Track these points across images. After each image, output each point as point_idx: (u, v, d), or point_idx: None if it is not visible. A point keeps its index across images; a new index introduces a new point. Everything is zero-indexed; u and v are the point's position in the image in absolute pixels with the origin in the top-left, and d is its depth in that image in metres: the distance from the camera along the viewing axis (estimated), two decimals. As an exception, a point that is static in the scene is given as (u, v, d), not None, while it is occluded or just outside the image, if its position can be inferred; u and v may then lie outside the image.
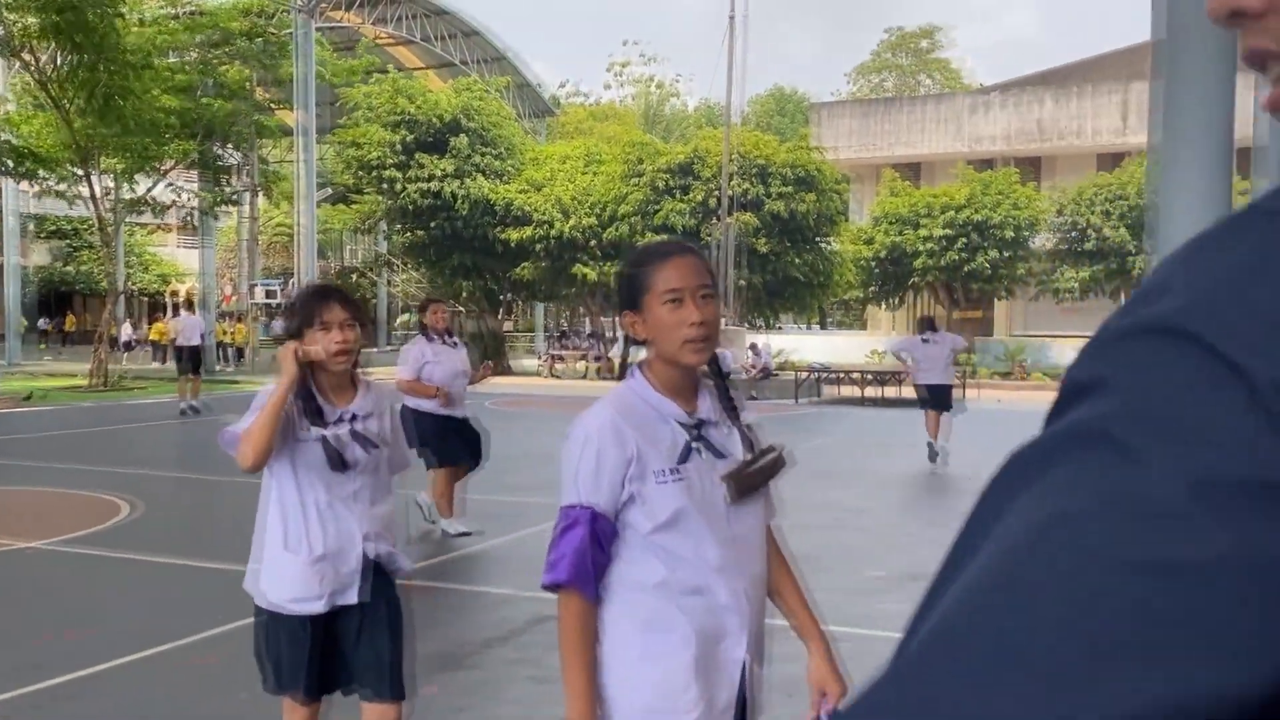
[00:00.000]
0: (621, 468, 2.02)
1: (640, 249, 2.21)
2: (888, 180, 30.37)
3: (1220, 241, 0.46)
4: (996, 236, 27.27)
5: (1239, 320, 0.43)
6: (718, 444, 2.10)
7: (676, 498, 2.02)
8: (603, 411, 2.08)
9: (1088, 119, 33.63)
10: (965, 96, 37.54)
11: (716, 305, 2.08)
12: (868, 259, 28.85)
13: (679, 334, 2.01)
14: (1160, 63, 4.84)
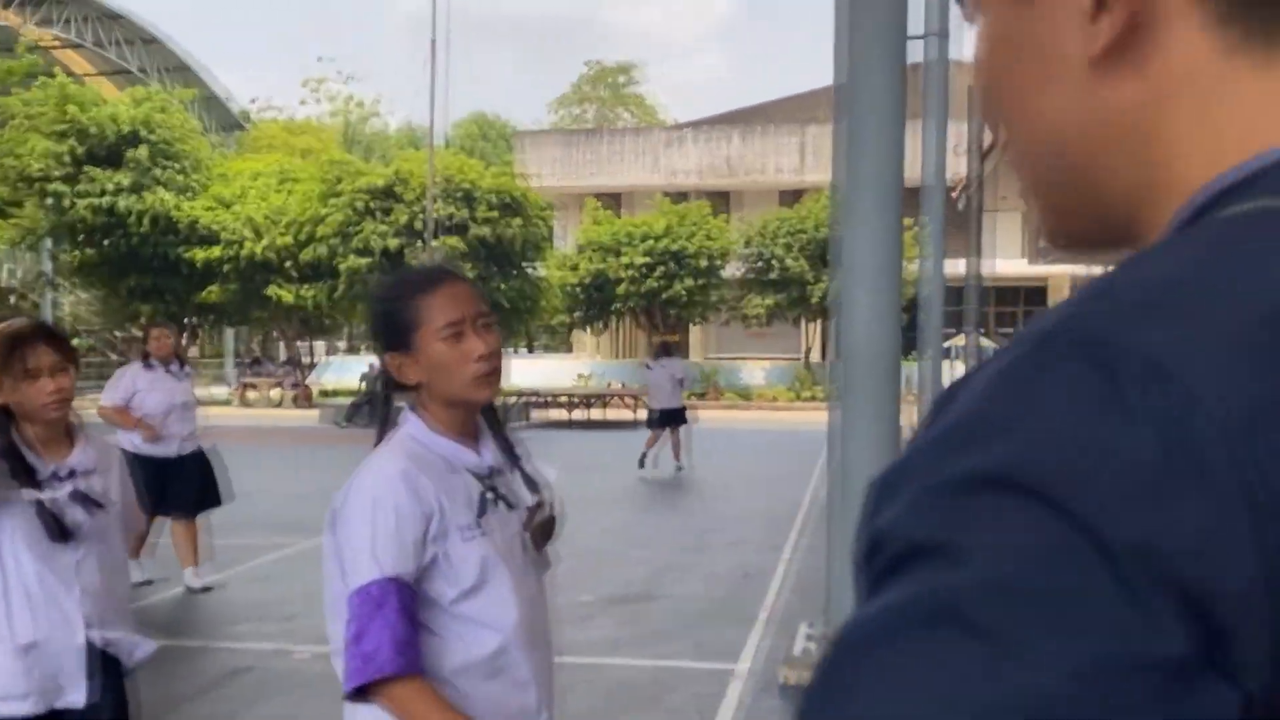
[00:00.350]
0: (422, 524, 1.73)
1: (396, 279, 1.96)
2: (591, 209, 31.12)
3: (1037, 374, 0.43)
4: (692, 265, 28.57)
5: (1083, 473, 0.40)
6: (506, 492, 1.89)
7: (480, 555, 1.78)
8: (389, 463, 1.78)
9: (771, 157, 35.95)
10: (662, 131, 39.16)
11: (497, 330, 1.86)
12: (573, 285, 29.39)
13: (465, 370, 1.78)
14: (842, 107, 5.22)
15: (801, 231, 28.14)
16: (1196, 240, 0.48)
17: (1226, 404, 0.40)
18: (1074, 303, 0.46)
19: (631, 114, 57.64)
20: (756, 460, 15.87)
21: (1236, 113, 0.51)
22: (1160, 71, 0.51)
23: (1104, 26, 0.51)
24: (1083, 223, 0.58)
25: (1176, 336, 0.42)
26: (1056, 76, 0.54)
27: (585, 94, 58.25)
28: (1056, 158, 0.56)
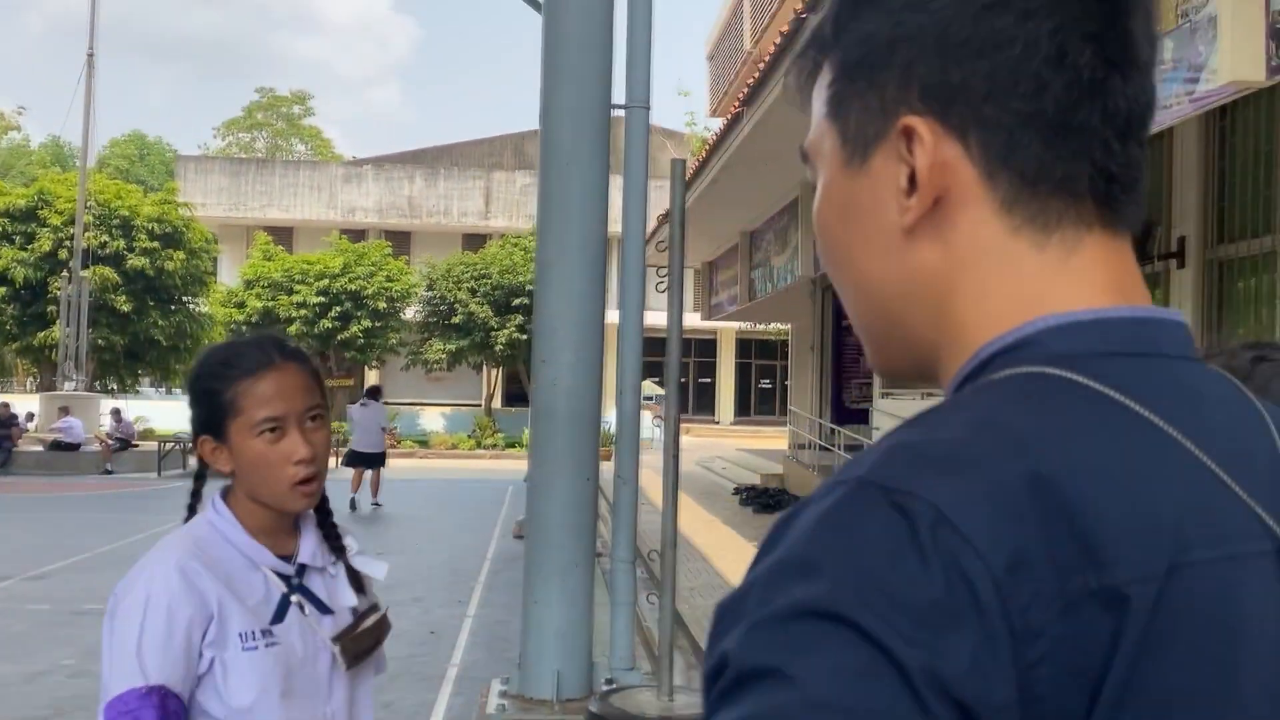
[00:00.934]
0: (199, 628, 1.51)
1: (219, 351, 1.64)
2: (260, 243, 29.65)
3: (854, 518, 0.52)
4: (370, 307, 27.85)
5: (885, 607, 0.49)
6: (322, 594, 1.64)
7: (265, 669, 1.54)
8: (167, 557, 1.55)
9: (454, 200, 35.91)
10: (339, 166, 38.12)
11: (327, 427, 1.61)
12: (239, 322, 27.81)
13: (281, 474, 1.54)
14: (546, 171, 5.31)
15: (485, 277, 28.22)
16: (976, 404, 0.58)
17: (994, 550, 0.50)
18: (883, 453, 0.55)
19: (305, 146, 55.70)
20: (438, 510, 15.63)
21: (1015, 283, 0.61)
22: (957, 243, 0.62)
23: (912, 203, 0.62)
24: (897, 361, 0.68)
25: (961, 493, 0.51)
26: (878, 239, 0.64)
27: (257, 121, 55.66)
28: (877, 307, 0.66)
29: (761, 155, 12.60)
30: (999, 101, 0.60)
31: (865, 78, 0.64)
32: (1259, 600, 0.55)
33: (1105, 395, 0.56)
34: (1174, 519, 0.53)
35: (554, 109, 5.25)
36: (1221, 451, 0.57)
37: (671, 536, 4.74)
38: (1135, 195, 0.63)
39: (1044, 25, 0.59)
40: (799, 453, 17.14)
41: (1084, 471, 0.53)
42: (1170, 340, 0.61)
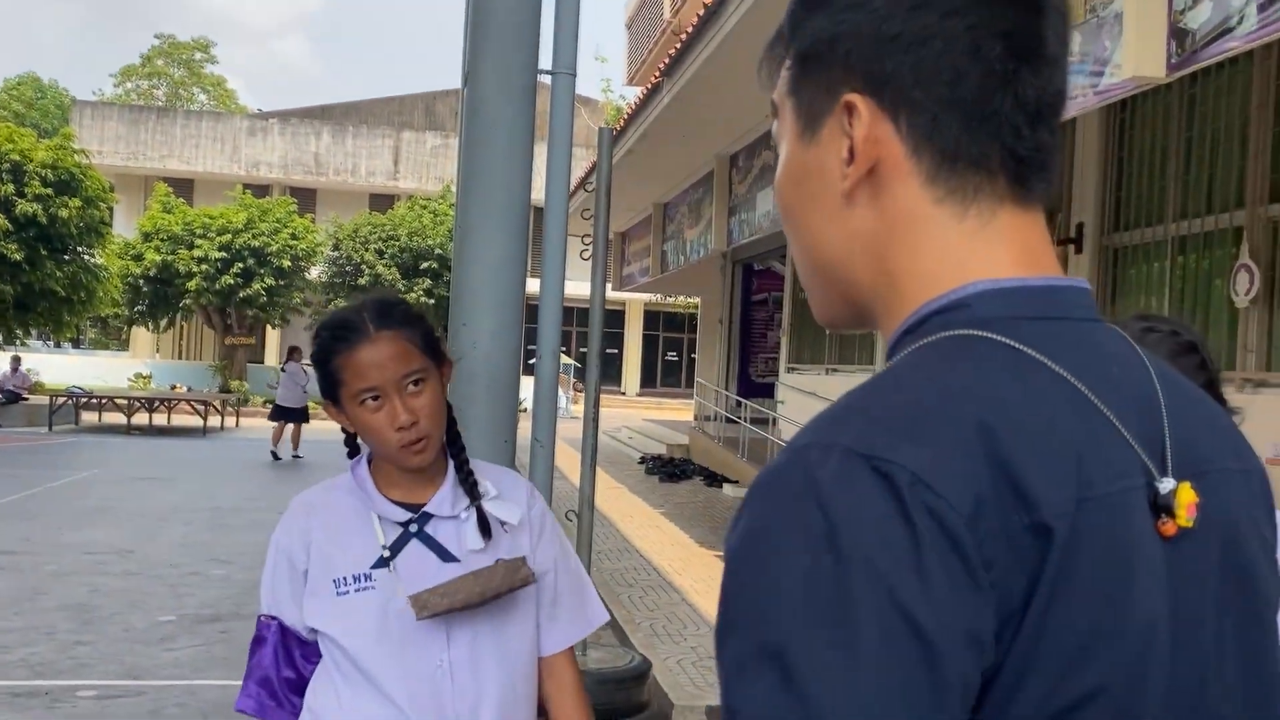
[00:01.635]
0: (301, 574, 1.68)
1: (330, 320, 1.70)
2: (160, 194, 28.71)
3: (844, 480, 0.61)
4: (273, 264, 27.21)
5: (878, 552, 0.60)
6: (450, 542, 1.68)
7: (359, 613, 1.63)
8: (299, 502, 1.74)
9: (363, 158, 35.22)
10: (243, 119, 37.04)
11: (436, 385, 1.66)
12: (135, 276, 26.95)
13: (387, 438, 1.62)
14: (470, 123, 5.30)
15: (393, 238, 27.81)
16: (923, 366, 0.67)
17: (962, 501, 0.59)
18: (860, 419, 0.63)
19: (208, 96, 53.93)
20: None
21: (941, 248, 0.71)
22: (890, 209, 0.72)
23: (850, 171, 0.72)
24: (840, 310, 0.79)
25: (930, 456, 0.60)
26: (824, 203, 0.74)
27: (157, 69, 53.65)
28: (822, 263, 0.76)
29: (679, 127, 12.66)
30: (924, 88, 0.70)
31: (816, 64, 0.74)
32: (1141, 525, 0.65)
33: (1024, 353, 0.66)
34: (1079, 459, 0.63)
35: (479, 73, 5.24)
36: (1115, 399, 0.67)
37: (589, 497, 4.84)
38: (1046, 175, 0.72)
39: (961, 23, 0.69)
40: (704, 424, 17.38)
41: (1013, 422, 0.62)
42: (1076, 305, 0.71)
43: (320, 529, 1.68)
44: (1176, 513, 0.66)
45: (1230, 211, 7.42)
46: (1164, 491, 0.66)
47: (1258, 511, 0.76)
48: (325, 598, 1.65)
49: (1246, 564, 0.72)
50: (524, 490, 1.78)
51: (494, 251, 5.30)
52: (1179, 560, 0.67)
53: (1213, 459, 0.73)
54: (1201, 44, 4.66)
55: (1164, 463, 0.68)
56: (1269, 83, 7.09)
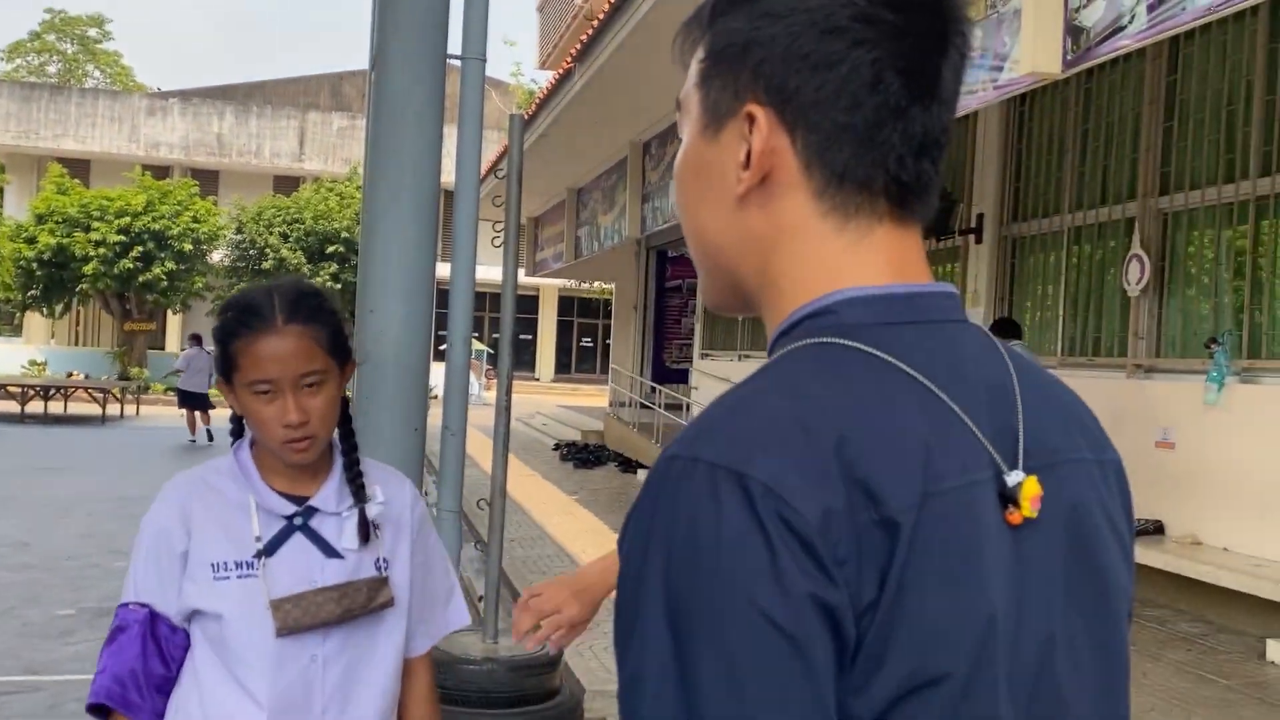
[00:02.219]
0: (180, 561, 1.61)
1: (238, 300, 1.64)
2: (54, 175, 27.68)
3: (703, 492, 0.65)
4: (174, 248, 26.46)
5: (727, 555, 0.66)
6: (332, 538, 1.65)
7: (235, 597, 1.59)
8: (179, 483, 1.67)
9: (267, 140, 34.42)
10: (142, 98, 35.91)
11: (334, 386, 1.62)
12: (29, 259, 25.97)
13: (273, 432, 1.58)
14: (379, 106, 5.25)
15: (298, 222, 27.24)
16: (784, 375, 0.71)
17: (811, 507, 0.64)
18: (720, 430, 0.68)
19: (104, 74, 52.10)
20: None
21: (820, 257, 0.75)
22: (779, 216, 0.76)
23: (745, 176, 0.75)
24: (725, 297, 0.84)
25: (781, 467, 0.64)
26: (718, 199, 0.78)
27: (48, 44, 51.66)
28: (711, 253, 0.81)
29: (592, 112, 12.64)
30: (822, 110, 0.74)
31: (726, 64, 0.77)
32: (988, 516, 0.69)
33: (879, 359, 0.70)
34: (926, 456, 0.67)
35: (388, 57, 5.18)
36: (966, 396, 0.71)
37: (501, 484, 4.84)
38: (925, 200, 0.77)
39: (868, 54, 0.73)
40: (619, 410, 17.44)
41: (864, 427, 0.67)
42: (939, 308, 0.76)
43: (201, 511, 1.63)
44: (1021, 503, 0.70)
45: (1123, 203, 7.69)
46: (1011, 484, 0.70)
47: (1111, 502, 0.79)
48: (202, 581, 1.60)
49: (1096, 553, 0.76)
50: (408, 494, 1.77)
51: (403, 236, 5.25)
52: (1025, 550, 0.71)
53: (1065, 450, 0.77)
54: (1096, 41, 4.83)
55: (1014, 456, 0.72)
56: (1159, 80, 7.36)
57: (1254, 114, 6.59)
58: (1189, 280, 7.27)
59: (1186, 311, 7.23)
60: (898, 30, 0.73)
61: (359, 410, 5.29)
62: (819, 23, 0.73)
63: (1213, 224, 7.03)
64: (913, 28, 0.74)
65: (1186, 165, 7.17)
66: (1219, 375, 6.42)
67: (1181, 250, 7.32)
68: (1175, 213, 7.28)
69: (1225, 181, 6.83)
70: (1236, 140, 6.76)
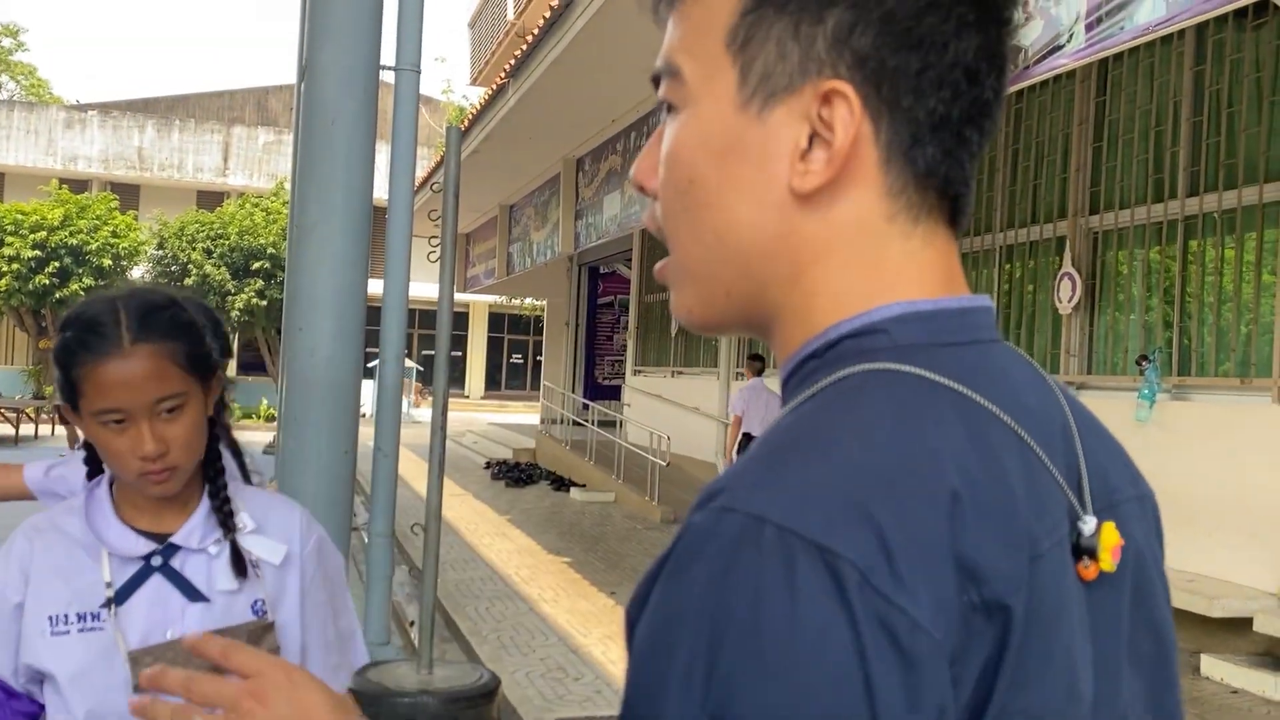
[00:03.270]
0: (14, 615, 1.41)
1: (76, 319, 1.42)
2: (-36, 188, 26.79)
3: (778, 570, 0.51)
4: (93, 264, 25.73)
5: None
6: (199, 579, 1.45)
7: (73, 658, 1.39)
8: (26, 526, 1.47)
9: (190, 154, 33.72)
10: (60, 110, 34.94)
11: (196, 409, 1.42)
12: (-64, 275, 25.05)
13: (128, 465, 1.39)
14: (309, 119, 5.10)
15: (222, 237, 26.66)
16: (854, 414, 0.57)
17: (920, 606, 0.50)
18: (768, 480, 0.53)
19: (19, 84, 50.66)
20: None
21: (877, 265, 0.63)
22: (837, 217, 0.62)
23: (817, 169, 0.61)
24: (725, 312, 0.67)
25: (876, 544, 0.51)
26: (759, 191, 0.63)
27: (-40, 54, 50.09)
28: (733, 256, 0.64)
29: (526, 128, 12.54)
30: (920, 96, 0.62)
31: (790, 23, 0.61)
32: (1071, 574, 0.59)
33: (959, 393, 0.58)
34: (1026, 517, 0.56)
35: (319, 68, 5.03)
36: (1040, 435, 0.61)
37: (436, 509, 4.69)
38: (972, 197, 0.67)
39: (971, 42, 0.62)
40: (551, 427, 17.28)
41: (971, 483, 0.54)
42: (984, 325, 0.65)
43: (42, 556, 1.43)
44: (1100, 556, 0.60)
45: (1054, 222, 7.79)
46: (1087, 533, 0.60)
47: (1154, 541, 0.71)
48: (38, 637, 1.41)
49: (1154, 604, 0.68)
50: (297, 523, 1.56)
51: (334, 253, 5.08)
52: (1096, 607, 0.61)
53: (1121, 488, 0.68)
54: (1033, 60, 4.85)
55: (1083, 498, 0.62)
56: (1088, 100, 7.48)
57: (1181, 135, 6.71)
58: (1119, 298, 7.37)
59: (1117, 329, 7.33)
60: (998, 18, 0.63)
61: (289, 431, 5.11)
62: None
63: (1142, 243, 7.14)
64: (1008, 17, 0.64)
65: (1116, 185, 7.28)
66: (1150, 392, 6.50)
67: (1111, 268, 7.43)
68: (1105, 231, 7.39)
69: (1154, 201, 6.95)
70: (1165, 161, 6.88)
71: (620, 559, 8.77)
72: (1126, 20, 4.24)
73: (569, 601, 7.20)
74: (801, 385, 0.63)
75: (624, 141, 11.83)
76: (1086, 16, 4.47)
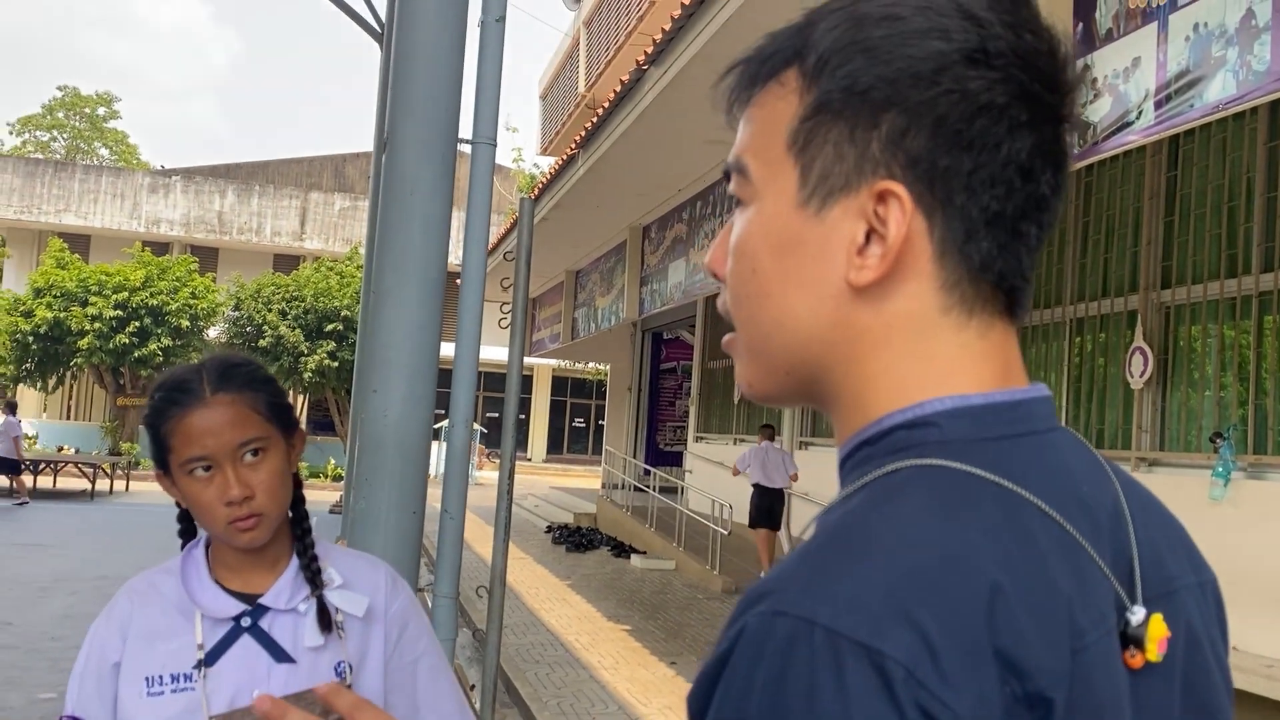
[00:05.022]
0: (112, 673, 1.47)
1: (163, 381, 1.52)
2: (54, 249, 27.81)
3: (822, 670, 0.54)
4: (171, 324, 26.49)
5: None
6: (285, 639, 1.48)
7: (169, 710, 1.43)
8: (130, 586, 1.53)
9: (268, 218, 34.69)
10: (145, 175, 36.25)
11: (279, 457, 1.48)
12: (25, 333, 25.94)
13: (216, 514, 1.45)
14: (389, 188, 5.24)
15: (298, 299, 27.29)
16: (899, 514, 0.59)
17: (964, 700, 0.53)
18: (816, 584, 0.56)
19: (109, 150, 52.71)
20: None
21: (930, 358, 0.65)
22: (893, 310, 0.66)
23: (871, 264, 0.64)
24: (784, 388, 0.71)
25: (920, 642, 0.53)
26: (817, 285, 0.67)
27: (58, 120, 52.34)
28: (791, 344, 0.68)
29: (594, 198, 12.76)
30: (973, 195, 0.64)
31: (845, 127, 0.65)
32: (1117, 663, 0.61)
33: (1004, 489, 0.60)
34: (1069, 608, 0.58)
35: (398, 139, 5.21)
36: (1089, 527, 0.63)
37: (501, 572, 4.73)
38: (1031, 291, 0.70)
39: (1025, 141, 0.65)
40: (612, 492, 17.28)
41: (1013, 580, 0.57)
42: (1039, 416, 0.67)
43: (140, 618, 1.49)
44: (1146, 647, 0.61)
45: (1125, 295, 7.71)
46: (1135, 623, 0.61)
47: (1214, 629, 0.71)
48: (135, 697, 1.45)
49: (1209, 694, 0.68)
50: (382, 579, 1.57)
51: (408, 317, 5.22)
52: (1145, 695, 0.62)
53: (1177, 576, 0.69)
54: (1102, 136, 4.86)
55: (1133, 587, 0.63)
56: (1159, 174, 7.44)
57: (1255, 211, 6.64)
58: (1192, 374, 7.25)
59: (1190, 405, 7.20)
60: (1053, 114, 0.66)
61: (360, 491, 5.22)
62: (976, 95, 0.63)
63: (1215, 318, 7.04)
64: (1065, 114, 0.67)
65: (1188, 259, 7.21)
66: (1225, 470, 6.36)
67: (1184, 344, 7.32)
68: (1177, 306, 7.30)
69: (1227, 276, 6.86)
70: (1238, 236, 6.80)
71: (681, 628, 8.71)
72: (1196, 98, 4.25)
73: (629, 670, 7.17)
74: (854, 471, 0.66)
75: (689, 210, 11.98)
76: (1156, 94, 4.49)
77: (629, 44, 14.35)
